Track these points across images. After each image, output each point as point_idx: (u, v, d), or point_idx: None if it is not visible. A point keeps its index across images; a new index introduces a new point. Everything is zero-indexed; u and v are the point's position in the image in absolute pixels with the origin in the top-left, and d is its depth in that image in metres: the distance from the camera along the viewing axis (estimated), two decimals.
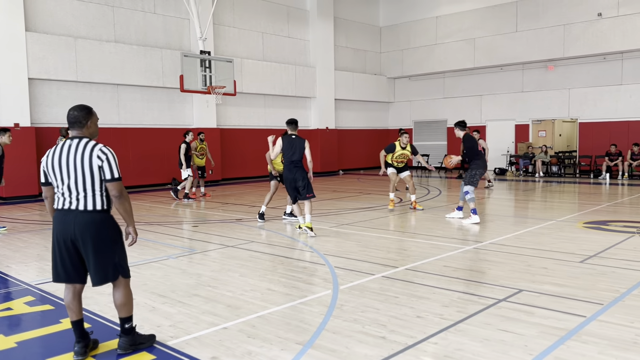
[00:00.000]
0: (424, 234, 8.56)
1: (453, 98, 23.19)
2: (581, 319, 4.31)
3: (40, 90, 14.50)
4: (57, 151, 3.67)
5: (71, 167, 3.59)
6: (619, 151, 17.71)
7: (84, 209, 3.62)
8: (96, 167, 3.59)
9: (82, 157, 3.59)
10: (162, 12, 16.96)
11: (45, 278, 5.98)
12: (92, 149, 3.61)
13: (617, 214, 10.04)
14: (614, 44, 18.07)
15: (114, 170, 3.62)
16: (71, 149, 3.62)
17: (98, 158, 3.60)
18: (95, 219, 3.64)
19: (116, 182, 3.63)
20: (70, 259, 3.69)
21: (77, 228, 3.60)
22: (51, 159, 3.66)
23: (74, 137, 3.69)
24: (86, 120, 3.70)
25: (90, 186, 3.61)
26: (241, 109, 19.34)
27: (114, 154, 3.68)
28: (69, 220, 3.62)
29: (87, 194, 3.62)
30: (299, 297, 5.07)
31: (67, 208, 3.64)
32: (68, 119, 3.71)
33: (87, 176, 3.59)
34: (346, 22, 23.26)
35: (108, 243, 3.69)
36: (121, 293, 3.83)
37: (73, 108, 3.71)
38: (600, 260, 6.36)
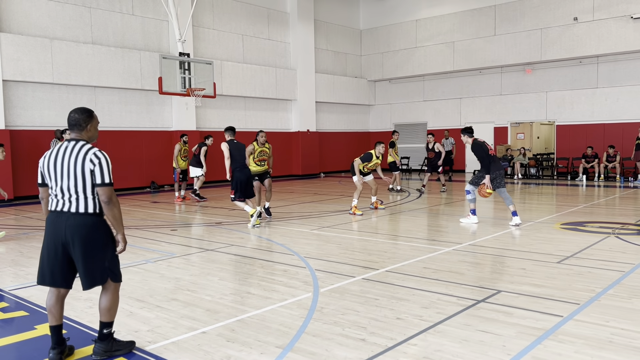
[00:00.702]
0: (404, 235, 8.59)
1: (433, 101, 23.38)
2: (558, 319, 4.36)
3: (15, 92, 14.23)
4: (53, 153, 3.67)
5: (65, 169, 3.60)
6: (595, 153, 18.03)
7: (76, 211, 3.62)
8: (88, 170, 3.59)
9: (75, 160, 3.60)
10: (140, 14, 16.79)
11: (20, 284, 5.86)
12: (87, 153, 3.62)
13: (594, 215, 10.21)
14: (589, 48, 18.41)
15: (105, 175, 3.62)
16: (67, 151, 3.63)
17: (91, 162, 3.60)
18: (87, 222, 3.63)
19: (106, 187, 3.62)
20: (59, 261, 3.66)
21: (68, 230, 3.60)
22: (48, 160, 3.67)
23: (71, 139, 3.70)
24: (86, 123, 3.73)
25: (82, 189, 3.61)
26: (221, 112, 19.23)
27: (107, 159, 3.67)
28: (60, 222, 3.63)
29: (79, 197, 3.62)
30: (279, 300, 5.04)
31: (59, 210, 3.65)
32: (68, 121, 3.73)
33: (79, 179, 3.60)
34: (326, 25, 23.31)
35: (99, 246, 3.67)
36: (108, 297, 3.80)
37: (74, 111, 3.73)
38: (577, 260, 6.45)
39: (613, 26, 17.88)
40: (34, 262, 6.96)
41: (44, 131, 14.62)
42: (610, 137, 18.69)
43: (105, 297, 3.80)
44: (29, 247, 7.96)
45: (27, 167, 14.37)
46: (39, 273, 3.76)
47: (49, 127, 14.75)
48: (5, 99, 13.92)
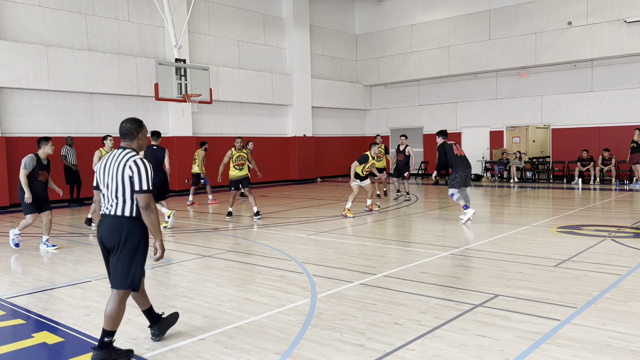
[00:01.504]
0: (402, 240, 8.61)
1: (429, 105, 23.45)
2: (555, 323, 4.38)
3: (11, 99, 14.21)
4: (105, 159, 3.92)
5: (109, 174, 3.83)
6: (590, 156, 18.11)
7: (114, 214, 3.82)
8: (127, 177, 3.78)
9: (117, 166, 3.81)
10: (136, 20, 16.80)
11: (17, 292, 5.84)
12: (127, 160, 3.80)
13: (590, 219, 10.25)
14: (583, 52, 18.51)
15: (142, 183, 3.77)
16: (114, 158, 3.86)
17: (130, 169, 3.78)
18: (122, 225, 3.80)
19: (144, 194, 3.78)
20: (107, 260, 3.93)
21: (106, 231, 3.82)
22: (99, 167, 3.93)
23: (121, 147, 3.93)
24: (137, 132, 3.95)
25: (122, 193, 3.80)
26: (217, 117, 19.23)
27: (146, 167, 3.82)
28: (103, 224, 3.86)
29: (119, 201, 3.81)
30: (277, 306, 5.04)
31: (104, 212, 3.89)
32: (120, 131, 3.93)
33: (119, 184, 3.80)
34: (322, 30, 23.37)
35: (129, 250, 3.81)
36: (114, 305, 3.82)
37: (126, 121, 3.96)
38: (574, 264, 6.47)
39: (607, 30, 17.99)
40: (30, 269, 6.95)
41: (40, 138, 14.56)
42: (605, 140, 18.78)
43: (112, 304, 3.82)
44: (26, 255, 7.93)
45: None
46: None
47: (45, 134, 14.71)
48: (1, 105, 13.89)
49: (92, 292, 5.75)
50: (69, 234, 9.85)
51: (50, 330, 4.55)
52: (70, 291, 5.80)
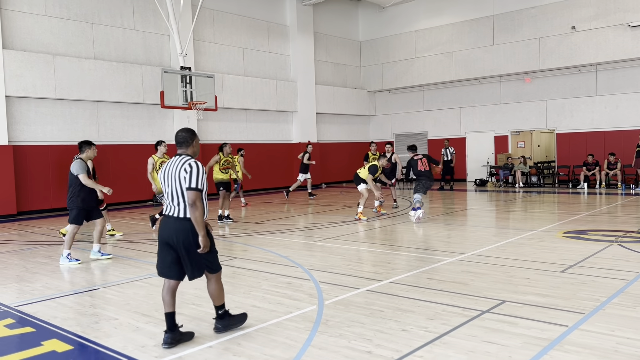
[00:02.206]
0: (407, 246, 8.61)
1: (433, 110, 23.46)
2: (563, 329, 4.37)
3: (18, 108, 14.32)
4: (166, 165, 4.30)
5: (169, 178, 4.21)
6: (595, 161, 18.06)
7: (178, 215, 4.20)
8: (183, 178, 4.14)
9: (175, 170, 4.19)
10: (141, 29, 16.93)
11: (26, 300, 5.87)
12: (183, 163, 4.18)
13: (596, 223, 10.22)
14: (587, 57, 18.51)
15: (192, 181, 4.12)
16: (172, 164, 4.25)
17: (184, 170, 4.15)
18: (187, 226, 4.18)
19: (192, 191, 4.11)
20: (169, 257, 4.29)
21: (173, 233, 4.20)
22: (162, 172, 4.31)
23: (179, 153, 4.32)
24: (192, 140, 4.34)
25: (181, 196, 4.16)
26: (222, 124, 19.31)
27: (199, 168, 4.17)
28: (168, 225, 4.24)
29: (180, 203, 4.18)
30: (284, 313, 5.06)
31: (167, 214, 4.27)
32: (177, 139, 4.32)
33: (177, 186, 4.17)
34: (326, 37, 23.46)
35: (195, 247, 4.22)
36: (213, 286, 4.45)
37: (181, 130, 4.36)
38: (581, 269, 6.46)
39: (611, 34, 17.99)
40: (38, 277, 6.99)
41: (47, 146, 14.69)
42: (610, 145, 18.74)
43: (211, 286, 4.46)
44: (34, 263, 7.98)
45: (30, 182, 14.42)
46: (157, 266, 4.44)
47: (52, 142, 14.83)
48: (8, 114, 14.00)
49: (100, 300, 5.78)
50: (76, 242, 9.89)
51: (60, 338, 4.58)
52: (79, 299, 5.84)
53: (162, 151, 10.63)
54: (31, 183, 14.43)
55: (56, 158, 14.90)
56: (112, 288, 6.28)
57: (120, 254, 8.46)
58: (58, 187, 14.95)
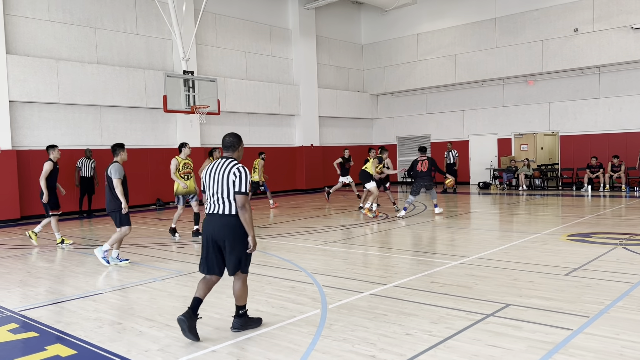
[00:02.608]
0: (411, 250, 8.59)
1: (436, 113, 23.45)
2: (568, 332, 4.35)
3: (22, 113, 14.37)
4: (211, 166, 4.64)
5: (216, 179, 4.54)
6: (599, 163, 18.01)
7: (222, 213, 4.51)
8: (231, 181, 4.48)
9: (223, 172, 4.53)
10: (144, 33, 16.98)
11: (29, 304, 5.88)
12: (232, 167, 4.52)
13: (600, 226, 10.18)
14: (590, 59, 18.48)
15: (242, 186, 4.47)
16: (220, 166, 4.59)
17: (233, 174, 4.49)
18: (231, 222, 4.49)
19: (241, 195, 4.47)
20: (214, 254, 4.57)
21: (217, 228, 4.51)
22: (205, 173, 4.65)
23: (225, 156, 4.66)
24: (238, 144, 4.69)
25: (227, 195, 4.50)
26: (225, 128, 19.33)
27: (246, 173, 4.52)
28: (213, 222, 4.53)
29: (225, 202, 4.51)
30: (288, 317, 5.05)
31: (212, 212, 4.58)
32: (224, 144, 4.68)
33: (224, 187, 4.50)
34: (328, 40, 23.50)
35: (238, 242, 4.50)
36: (239, 286, 4.65)
37: (228, 135, 4.70)
38: (585, 272, 6.43)
39: (614, 37, 17.96)
40: (42, 282, 7.00)
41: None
42: (614, 147, 18.69)
43: (237, 285, 4.65)
44: (37, 268, 7.99)
45: (33, 186, 14.45)
46: (200, 263, 4.68)
47: None
48: (12, 119, 14.05)
49: (104, 304, 5.78)
50: (80, 246, 9.91)
51: (64, 342, 4.58)
52: (82, 303, 5.84)
53: (187, 153, 10.63)
54: (34, 188, 14.44)
55: (60, 162, 14.90)
56: (115, 292, 6.28)
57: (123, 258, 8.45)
58: None
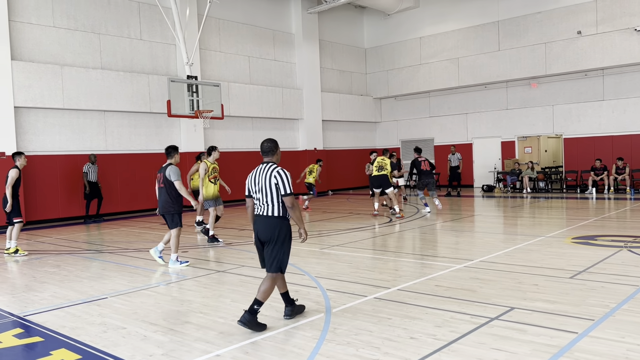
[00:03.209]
0: (415, 253, 8.58)
1: (439, 117, 23.44)
2: (573, 336, 4.34)
3: (27, 118, 14.45)
4: (255, 172, 4.98)
5: (259, 183, 4.90)
6: (604, 166, 17.95)
7: (266, 214, 4.88)
8: (273, 184, 4.82)
9: (265, 176, 4.88)
10: (148, 39, 17.06)
11: (34, 309, 5.90)
12: (272, 171, 4.86)
13: (605, 229, 10.15)
14: (594, 61, 18.45)
15: (286, 188, 4.82)
16: (262, 171, 4.94)
17: (274, 177, 4.83)
18: (273, 223, 4.86)
19: (288, 196, 4.83)
20: (261, 252, 5.00)
21: (262, 228, 4.90)
22: (250, 178, 5.00)
23: (265, 161, 5.00)
24: (276, 149, 5.05)
25: (270, 198, 4.85)
26: (229, 132, 19.38)
27: (287, 175, 4.86)
28: (260, 223, 4.91)
29: (269, 204, 4.87)
30: (292, 321, 5.05)
31: (258, 213, 4.95)
32: (263, 149, 5.01)
33: (268, 190, 4.85)
34: (331, 45, 23.54)
35: (280, 242, 4.88)
36: (267, 283, 4.91)
37: (266, 140, 5.04)
38: (590, 275, 6.41)
39: (617, 39, 17.93)
40: (47, 287, 7.02)
41: (55, 156, 14.80)
42: (618, 149, 18.63)
43: (267, 283, 4.90)
44: (42, 272, 8.02)
45: (38, 191, 14.52)
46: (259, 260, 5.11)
47: (60, 152, 14.93)
48: (17, 125, 14.12)
49: (108, 309, 5.80)
50: (84, 251, 9.94)
51: (68, 347, 4.59)
52: (87, 308, 5.86)
53: (215, 157, 10.56)
54: (39, 192, 14.52)
55: (64, 168, 15.00)
56: (119, 297, 6.30)
57: (128, 263, 8.48)
58: (66, 196, 15.05)
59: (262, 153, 5.03)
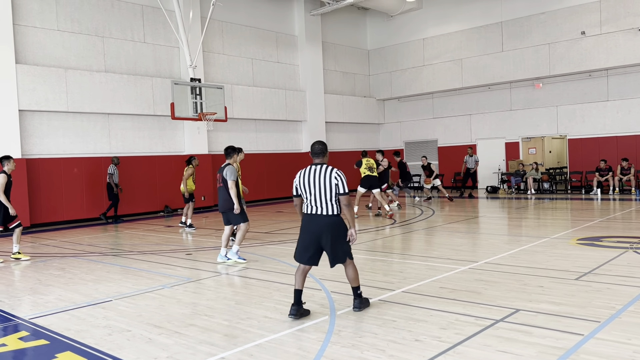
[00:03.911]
0: (419, 255, 8.56)
1: (443, 118, 23.41)
2: (579, 338, 4.32)
3: (31, 121, 14.50)
4: (306, 172, 5.20)
5: (317, 183, 5.12)
6: (608, 166, 17.89)
7: (326, 213, 5.13)
8: (333, 185, 5.09)
9: (323, 177, 5.11)
10: (151, 41, 17.10)
11: (39, 312, 5.91)
12: (331, 172, 5.13)
13: (610, 230, 10.10)
14: (598, 62, 18.39)
15: (345, 187, 5.12)
16: (317, 172, 5.17)
17: (335, 178, 5.11)
18: (335, 221, 5.15)
19: (345, 195, 5.13)
20: (312, 247, 5.20)
21: (322, 227, 5.13)
22: (302, 178, 5.20)
23: (317, 163, 5.24)
24: (326, 151, 5.32)
25: (329, 197, 5.11)
26: (232, 134, 19.40)
27: (344, 176, 5.15)
28: (318, 221, 5.15)
29: (328, 204, 5.13)
30: (296, 323, 5.04)
31: (314, 213, 5.18)
32: (315, 151, 5.26)
33: (327, 190, 5.10)
34: (334, 46, 23.55)
35: (342, 237, 5.19)
36: (351, 270, 5.32)
37: (317, 143, 5.30)
38: (595, 277, 6.38)
39: (621, 39, 17.88)
40: (52, 289, 7.04)
41: (60, 159, 14.84)
42: (623, 150, 18.56)
43: (349, 270, 5.31)
44: (47, 275, 8.04)
45: (43, 194, 14.56)
46: (297, 254, 5.29)
47: (64, 155, 14.98)
48: (21, 128, 14.18)
49: (113, 311, 5.80)
50: (88, 254, 9.96)
51: (74, 350, 4.60)
52: (92, 311, 5.86)
53: (241, 158, 10.80)
54: (44, 195, 14.57)
55: (69, 170, 15.04)
56: (124, 300, 6.30)
57: (132, 266, 8.49)
58: (71, 199, 15.09)
59: (312, 155, 5.25)
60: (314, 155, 5.25)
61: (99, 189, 15.54)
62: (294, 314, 5.14)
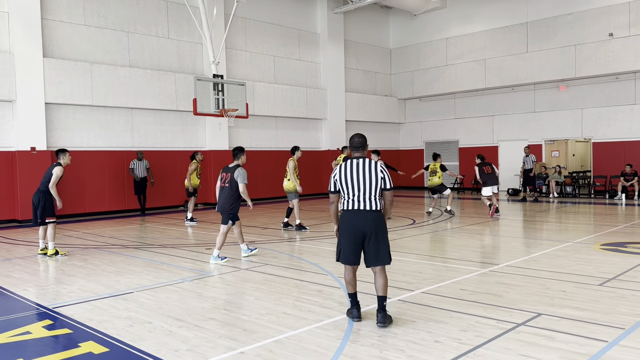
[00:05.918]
0: (439, 256, 8.51)
1: (464, 118, 23.20)
2: (603, 344, 4.24)
3: (57, 114, 14.74)
4: (347, 167, 4.95)
5: (361, 178, 4.88)
6: (634, 171, 17.53)
7: (370, 209, 4.88)
8: (380, 179, 4.89)
9: (370, 172, 4.89)
10: (175, 37, 17.25)
11: (63, 301, 6.01)
12: (377, 166, 4.94)
13: (635, 236, 9.91)
14: (626, 64, 18.04)
15: (390, 183, 4.95)
16: (360, 166, 4.93)
17: (381, 172, 4.92)
18: (379, 216, 4.93)
19: (390, 191, 4.97)
20: (357, 246, 4.92)
21: (369, 223, 4.86)
22: (344, 172, 4.94)
23: (358, 157, 5.01)
24: (365, 144, 5.08)
25: (374, 192, 4.89)
26: (253, 131, 19.49)
27: (388, 171, 4.97)
28: (361, 217, 4.88)
29: (372, 199, 4.90)
30: (315, 321, 5.05)
31: (357, 209, 4.90)
32: (354, 144, 5.05)
33: (373, 185, 4.88)
34: (356, 45, 23.49)
35: (386, 235, 4.97)
36: (383, 277, 4.96)
37: (357, 136, 5.08)
38: (620, 283, 6.26)
39: None
40: (75, 280, 7.15)
41: (83, 152, 15.07)
42: None
43: (380, 277, 4.95)
44: (71, 266, 8.17)
45: (66, 186, 14.79)
46: (341, 256, 4.98)
47: (88, 148, 15.21)
48: (47, 120, 14.43)
49: (134, 303, 5.87)
50: (110, 246, 10.10)
51: (96, 340, 4.67)
52: (114, 302, 5.94)
53: (298, 156, 11.57)
54: (68, 187, 14.80)
55: (92, 163, 15.27)
56: (145, 292, 6.38)
57: (153, 259, 8.59)
58: (93, 191, 15.31)
59: (352, 148, 5.04)
60: (353, 149, 5.05)
61: (121, 182, 15.75)
62: (357, 316, 4.99)
